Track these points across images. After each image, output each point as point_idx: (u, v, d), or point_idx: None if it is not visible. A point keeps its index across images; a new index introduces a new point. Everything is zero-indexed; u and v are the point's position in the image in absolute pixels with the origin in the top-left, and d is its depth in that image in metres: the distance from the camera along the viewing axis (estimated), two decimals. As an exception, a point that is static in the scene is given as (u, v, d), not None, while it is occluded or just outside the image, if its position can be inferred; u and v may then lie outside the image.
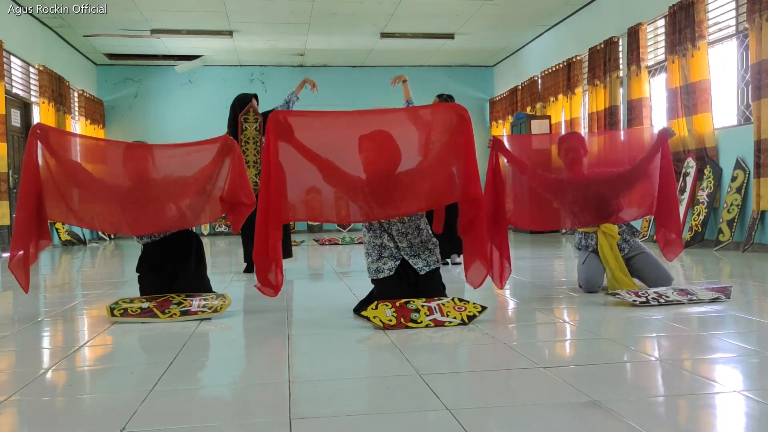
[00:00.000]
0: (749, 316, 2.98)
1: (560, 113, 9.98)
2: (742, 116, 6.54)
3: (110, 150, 3.89)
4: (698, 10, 6.68)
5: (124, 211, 3.52)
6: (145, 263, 3.70)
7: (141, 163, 3.53)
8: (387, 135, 3.20)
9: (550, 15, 9.75)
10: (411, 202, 3.19)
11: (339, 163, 3.16)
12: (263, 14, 9.31)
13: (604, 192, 3.66)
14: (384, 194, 3.16)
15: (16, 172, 8.52)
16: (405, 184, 3.19)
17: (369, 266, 3.31)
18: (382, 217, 3.22)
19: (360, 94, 12.55)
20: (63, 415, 1.84)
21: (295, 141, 3.09)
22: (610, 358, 2.31)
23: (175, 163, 3.65)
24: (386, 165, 3.20)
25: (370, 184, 3.17)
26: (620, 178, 3.67)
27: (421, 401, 1.83)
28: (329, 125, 3.34)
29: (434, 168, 3.23)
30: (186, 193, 3.54)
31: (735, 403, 1.79)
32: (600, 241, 3.71)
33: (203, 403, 1.90)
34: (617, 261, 3.67)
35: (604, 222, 3.71)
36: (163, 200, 3.54)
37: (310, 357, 2.44)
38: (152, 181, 3.55)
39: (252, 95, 5.33)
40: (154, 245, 3.70)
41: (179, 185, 3.56)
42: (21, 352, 2.67)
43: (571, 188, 3.65)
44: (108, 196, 3.52)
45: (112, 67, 12.16)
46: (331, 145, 3.21)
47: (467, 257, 3.25)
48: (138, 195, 3.50)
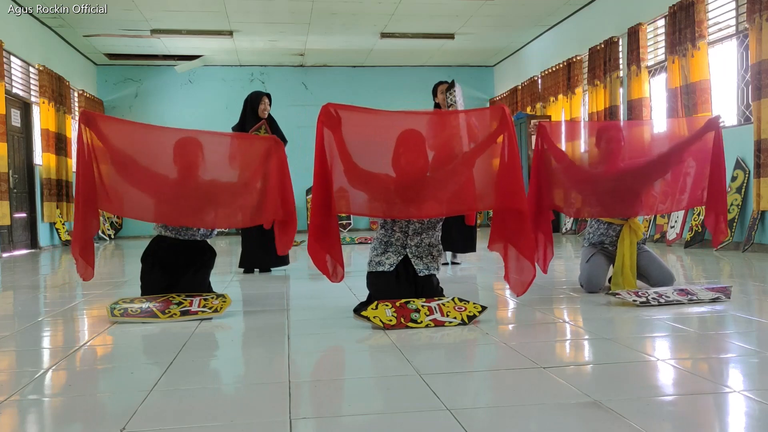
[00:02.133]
0: (749, 316, 2.98)
1: (560, 113, 9.98)
2: (742, 116, 6.54)
3: (162, 139, 3.71)
4: (698, 10, 6.68)
5: (168, 202, 3.48)
6: (150, 258, 3.67)
7: (191, 158, 3.49)
8: (420, 136, 3.18)
9: (550, 15, 9.75)
10: (439, 204, 3.19)
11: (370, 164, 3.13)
12: (263, 14, 9.31)
13: (641, 182, 3.66)
14: (413, 194, 3.13)
15: (16, 172, 8.52)
16: (436, 185, 3.17)
17: (372, 259, 3.32)
18: (413, 216, 3.19)
19: (360, 94, 12.55)
20: (63, 415, 1.84)
21: (338, 136, 3.06)
22: (611, 358, 2.31)
23: (222, 157, 3.62)
24: (418, 165, 3.18)
25: (401, 183, 3.15)
26: (654, 164, 3.66)
27: (421, 401, 1.83)
28: (373, 122, 3.32)
29: (469, 173, 3.17)
30: (229, 193, 3.54)
31: (735, 403, 1.79)
32: (623, 234, 3.70)
33: (203, 403, 1.90)
34: (632, 259, 3.67)
35: (644, 214, 3.73)
36: (206, 196, 3.50)
37: (310, 357, 2.44)
38: (199, 176, 3.52)
39: (264, 94, 5.33)
40: (171, 243, 3.66)
41: (224, 184, 3.54)
42: (21, 352, 2.67)
43: (609, 179, 3.64)
44: (153, 185, 3.46)
45: (112, 67, 12.16)
46: (370, 143, 3.21)
47: (512, 259, 3.10)
48: (183, 187, 3.47)
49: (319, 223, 3.10)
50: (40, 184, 9.23)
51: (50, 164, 9.32)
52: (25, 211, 8.81)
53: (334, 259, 3.22)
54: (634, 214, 3.71)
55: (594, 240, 3.88)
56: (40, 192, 9.21)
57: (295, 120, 10.71)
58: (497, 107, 3.20)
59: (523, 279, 3.06)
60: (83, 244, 3.38)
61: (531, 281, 3.06)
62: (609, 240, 3.80)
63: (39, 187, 9.20)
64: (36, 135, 9.22)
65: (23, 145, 8.87)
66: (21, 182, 8.71)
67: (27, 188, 8.89)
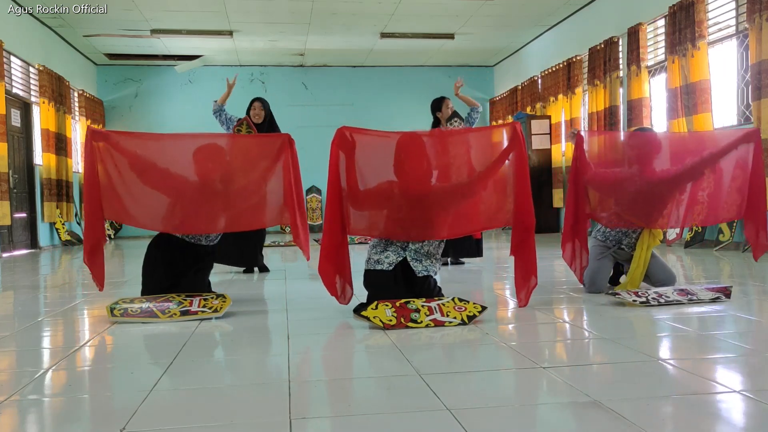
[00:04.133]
0: (749, 316, 2.98)
1: (560, 113, 9.98)
2: (742, 116, 6.54)
3: (178, 149, 3.70)
4: (698, 10, 6.68)
5: (184, 211, 3.47)
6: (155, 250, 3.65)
7: (211, 166, 3.48)
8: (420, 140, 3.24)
9: (550, 15, 9.75)
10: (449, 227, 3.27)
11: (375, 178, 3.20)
12: (263, 14, 9.31)
13: (674, 192, 3.67)
14: (419, 212, 3.20)
15: (17, 172, 8.52)
16: (443, 202, 3.24)
17: (370, 257, 3.32)
18: (422, 238, 3.25)
19: (360, 94, 12.55)
20: (63, 415, 1.84)
21: (350, 160, 3.12)
22: (610, 358, 2.31)
23: (239, 162, 3.59)
24: (421, 169, 3.22)
25: (406, 191, 3.20)
26: (689, 175, 3.66)
27: (421, 401, 1.83)
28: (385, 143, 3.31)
29: (481, 192, 3.27)
30: (245, 197, 3.53)
31: (735, 403, 1.79)
32: (643, 238, 3.68)
33: (203, 403, 1.90)
34: (646, 263, 3.66)
35: (677, 226, 3.76)
36: (223, 204, 3.49)
37: (310, 357, 2.44)
38: (217, 185, 3.49)
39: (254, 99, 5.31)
40: (175, 242, 3.63)
41: (240, 189, 3.52)
42: (21, 352, 2.67)
43: (643, 189, 3.63)
44: (170, 194, 3.46)
45: (112, 67, 12.16)
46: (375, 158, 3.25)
47: (520, 275, 3.25)
48: (201, 195, 3.46)
49: (331, 242, 3.14)
50: (40, 184, 9.23)
51: (50, 164, 9.32)
52: (25, 211, 8.81)
53: (344, 279, 3.23)
54: (669, 225, 3.73)
55: (611, 239, 3.81)
56: (40, 192, 9.21)
57: (295, 120, 10.70)
58: (510, 125, 3.27)
59: (528, 291, 3.26)
60: (91, 254, 3.39)
61: (531, 291, 3.27)
62: (627, 241, 3.77)
63: (39, 187, 9.20)
64: (36, 135, 9.21)
65: (23, 145, 8.87)
66: (21, 182, 8.71)
67: (27, 188, 8.89)
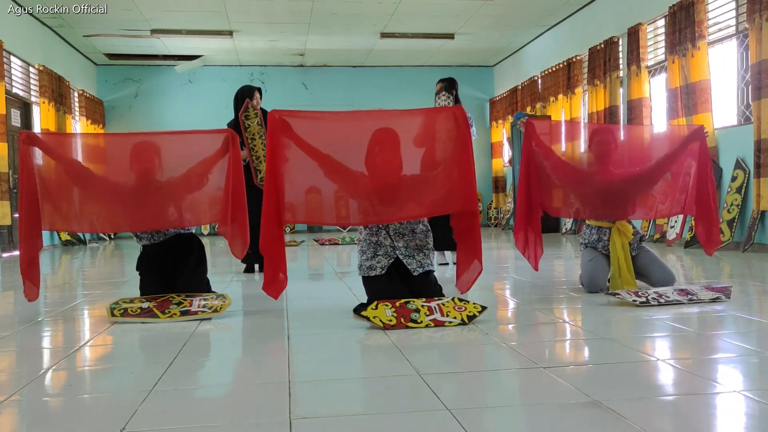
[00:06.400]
0: (749, 316, 2.98)
1: (560, 113, 9.97)
2: (742, 116, 6.54)
3: (115, 147, 3.77)
4: (698, 10, 6.68)
5: (126, 209, 3.49)
6: (144, 264, 3.69)
7: (148, 163, 3.48)
8: (394, 134, 3.17)
9: (550, 15, 9.74)
10: (412, 206, 3.17)
11: (341, 158, 3.12)
12: (263, 14, 9.31)
13: (628, 189, 3.69)
14: (387, 195, 3.14)
15: (16, 172, 8.51)
16: (409, 187, 3.18)
17: (362, 263, 3.31)
18: (383, 220, 3.21)
19: (360, 94, 12.55)
20: (63, 415, 1.84)
21: (296, 138, 3.04)
22: (611, 358, 2.31)
23: (178, 156, 3.57)
24: (391, 164, 3.17)
25: (373, 183, 3.14)
26: (644, 176, 3.69)
27: (421, 401, 1.83)
28: (330, 124, 3.29)
29: (438, 174, 3.20)
30: (187, 190, 3.52)
31: (735, 403, 1.79)
32: (613, 238, 3.71)
33: (203, 403, 1.90)
34: (626, 260, 3.67)
35: (627, 218, 3.74)
36: (165, 198, 3.50)
37: (310, 357, 2.44)
38: (157, 179, 3.50)
39: (255, 88, 5.32)
40: (154, 247, 3.69)
41: (182, 181, 3.51)
42: (21, 352, 2.67)
43: (596, 182, 3.67)
44: (110, 194, 3.48)
45: (112, 67, 12.16)
46: (335, 142, 3.17)
47: (462, 258, 3.24)
48: (141, 192, 3.47)
49: (268, 228, 3.03)
50: (40, 184, 9.21)
51: (50, 164, 9.32)
52: (25, 211, 8.80)
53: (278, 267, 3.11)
54: (619, 217, 3.73)
55: (589, 242, 3.90)
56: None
57: (295, 120, 10.69)
58: (454, 108, 3.25)
59: (469, 277, 3.21)
60: (28, 263, 3.38)
61: (476, 279, 3.21)
62: (602, 245, 3.81)
63: (39, 187, 9.19)
64: (36, 135, 9.21)
65: (23, 145, 8.86)
66: (21, 182, 8.70)
67: (27, 188, 8.88)
